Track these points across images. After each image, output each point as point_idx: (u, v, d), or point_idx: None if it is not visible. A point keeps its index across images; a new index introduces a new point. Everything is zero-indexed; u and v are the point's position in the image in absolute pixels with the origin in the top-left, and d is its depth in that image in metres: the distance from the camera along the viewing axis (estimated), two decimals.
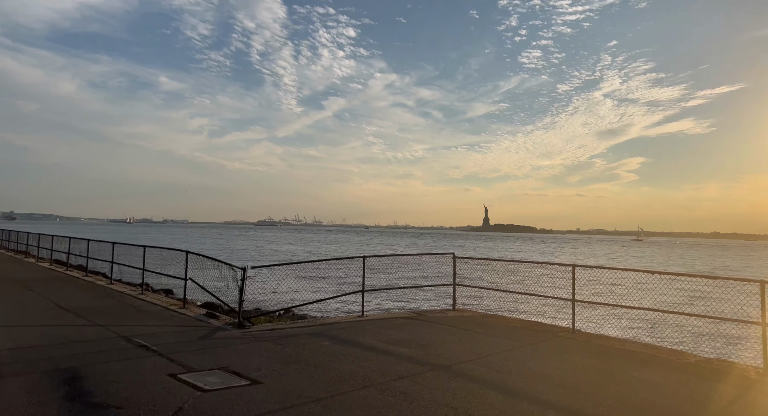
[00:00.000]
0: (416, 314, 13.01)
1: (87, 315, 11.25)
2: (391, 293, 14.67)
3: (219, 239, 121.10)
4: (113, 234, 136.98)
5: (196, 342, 8.93)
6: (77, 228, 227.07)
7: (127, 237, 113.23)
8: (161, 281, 20.59)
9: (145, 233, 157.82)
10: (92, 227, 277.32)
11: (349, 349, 8.81)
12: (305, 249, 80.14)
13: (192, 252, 13.28)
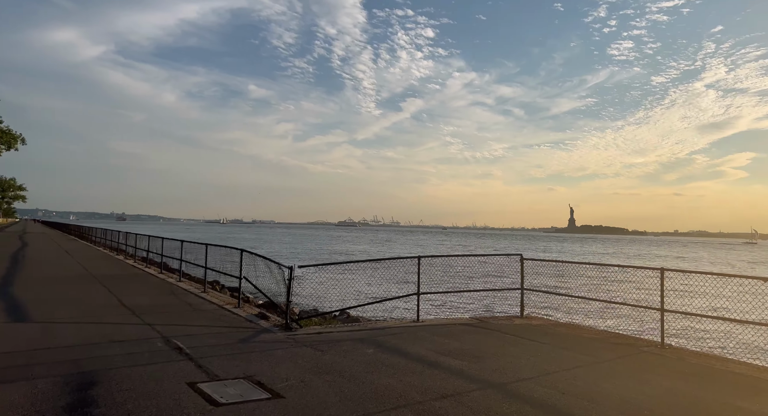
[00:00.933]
0: (478, 320, 11.86)
1: (141, 313, 11.22)
2: (453, 297, 13.62)
3: (299, 238, 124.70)
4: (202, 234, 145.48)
5: (234, 346, 8.44)
6: (173, 228, 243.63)
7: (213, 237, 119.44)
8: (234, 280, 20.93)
9: (230, 233, 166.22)
10: (189, 227, 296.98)
11: (393, 359, 7.92)
12: (379, 250, 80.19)
13: (247, 251, 13.00)
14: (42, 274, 18.41)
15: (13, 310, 10.99)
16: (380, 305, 13.81)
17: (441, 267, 12.71)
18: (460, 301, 14.40)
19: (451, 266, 13.01)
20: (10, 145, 58.85)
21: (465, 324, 11.35)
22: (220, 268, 15.07)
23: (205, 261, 15.81)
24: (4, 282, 15.79)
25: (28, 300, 12.29)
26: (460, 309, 13.23)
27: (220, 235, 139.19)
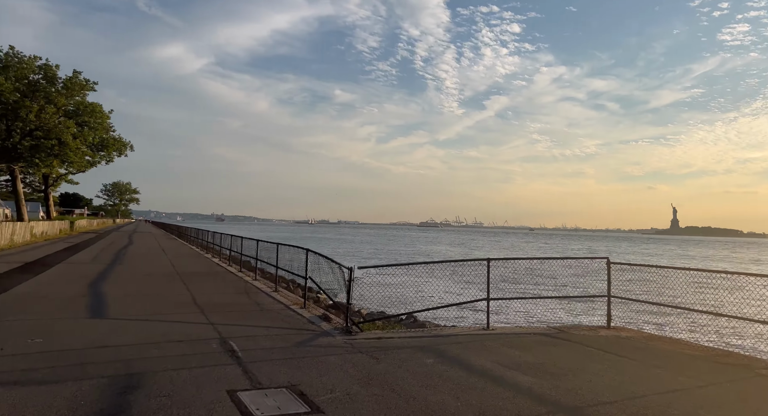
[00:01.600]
0: (556, 330, 10.73)
1: (210, 311, 11.30)
2: (530, 304, 12.51)
3: (381, 239, 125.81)
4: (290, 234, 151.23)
5: (288, 350, 8.10)
6: (264, 228, 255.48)
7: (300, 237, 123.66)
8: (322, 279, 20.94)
9: (316, 232, 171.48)
10: (280, 227, 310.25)
11: (453, 371, 7.18)
12: (459, 252, 78.64)
13: (311, 251, 12.77)
14: (134, 271, 19.49)
15: (96, 306, 11.47)
16: (449, 310, 13.03)
17: (515, 270, 11.70)
18: (536, 309, 13.25)
19: (528, 270, 11.96)
20: (121, 152, 64.36)
21: (541, 334, 10.29)
22: (288, 268, 15.01)
23: (276, 261, 15.86)
24: (101, 277, 16.79)
25: (113, 296, 12.85)
26: (537, 317, 12.12)
27: (306, 235, 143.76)
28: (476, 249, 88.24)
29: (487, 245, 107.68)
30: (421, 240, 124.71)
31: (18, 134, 51.65)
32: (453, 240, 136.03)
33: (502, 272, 11.18)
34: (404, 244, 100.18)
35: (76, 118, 57.42)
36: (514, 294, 11.83)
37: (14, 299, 11.67)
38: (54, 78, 56.87)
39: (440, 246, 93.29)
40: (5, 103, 51.20)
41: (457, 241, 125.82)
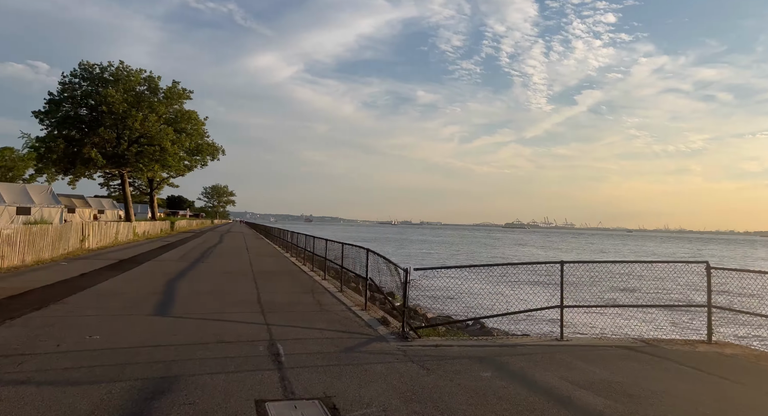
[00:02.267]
0: (644, 343, 9.42)
1: (270, 310, 11.20)
2: (612, 312, 11.19)
3: (464, 240, 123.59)
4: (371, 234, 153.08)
5: (334, 355, 7.66)
6: (348, 229, 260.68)
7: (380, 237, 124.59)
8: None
9: (396, 233, 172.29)
10: (363, 228, 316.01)
11: (513, 388, 6.35)
12: (549, 255, 75.12)
13: (372, 251, 12.32)
14: (214, 269, 20.19)
15: (164, 304, 11.77)
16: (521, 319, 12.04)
17: (596, 275, 10.47)
18: (620, 319, 11.82)
19: (611, 275, 10.66)
20: (214, 156, 68.39)
21: (624, 346, 9.06)
22: (352, 268, 14.68)
23: (341, 260, 15.61)
24: (180, 275, 17.50)
25: (184, 294, 13.21)
26: (620, 328, 10.77)
27: (386, 235, 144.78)
28: (566, 251, 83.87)
29: (578, 247, 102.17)
30: (506, 242, 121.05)
31: (126, 141, 56.37)
32: (541, 242, 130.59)
33: (581, 276, 10.04)
34: (487, 246, 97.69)
35: (174, 125, 61.70)
36: (595, 301, 10.60)
37: (95, 295, 12.29)
38: (156, 88, 61.52)
39: (526, 249, 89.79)
40: (115, 114, 56.12)
41: (546, 243, 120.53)
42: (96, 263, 20.14)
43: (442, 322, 11.00)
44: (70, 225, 24.56)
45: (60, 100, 57.55)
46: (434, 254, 66.41)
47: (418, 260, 55.14)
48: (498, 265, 9.86)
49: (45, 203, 45.61)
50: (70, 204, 74.54)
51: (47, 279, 14.65)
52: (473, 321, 12.10)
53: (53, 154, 56.55)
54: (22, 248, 18.16)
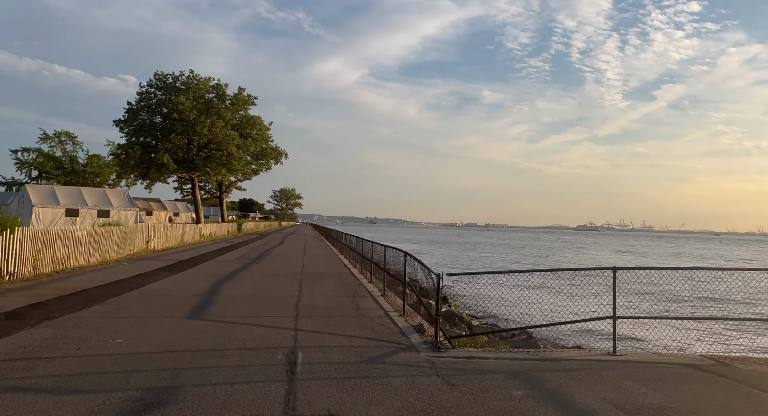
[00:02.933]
0: (713, 361, 8.25)
1: (304, 315, 10.94)
2: (677, 325, 9.97)
3: (530, 243, 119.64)
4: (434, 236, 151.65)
5: (355, 366, 7.19)
6: (412, 231, 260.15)
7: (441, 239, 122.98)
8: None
9: (459, 235, 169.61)
10: (426, 230, 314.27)
11: (544, 410, 5.61)
12: (626, 260, 71.15)
13: (409, 254, 11.78)
14: (265, 270, 20.38)
15: (201, 306, 11.78)
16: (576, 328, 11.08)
17: (659, 284, 9.36)
18: (686, 333, 10.52)
19: (678, 283, 9.50)
20: (277, 160, 70.29)
21: (687, 364, 7.96)
22: (393, 271, 14.19)
23: (384, 263, 15.15)
24: (230, 276, 17.72)
25: (225, 296, 13.25)
26: (686, 342, 9.56)
27: (447, 238, 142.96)
28: (645, 256, 79.07)
29: (661, 251, 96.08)
30: (577, 246, 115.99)
31: (195, 147, 59.02)
32: (617, 245, 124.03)
33: (642, 285, 9.01)
34: (556, 250, 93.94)
35: (240, 130, 63.91)
36: (657, 312, 9.49)
37: (139, 296, 12.55)
38: (223, 95, 64.01)
39: (600, 253, 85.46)
40: (186, 121, 58.92)
41: (622, 247, 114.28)
42: (155, 264, 20.89)
43: (483, 331, 10.26)
44: (135, 227, 25.75)
45: (137, 109, 61.20)
46: (497, 257, 64.58)
47: (480, 263, 53.75)
48: (539, 271, 9.03)
49: (122, 206, 48.50)
50: (147, 207, 79.12)
51: (103, 279, 15.24)
52: (520, 331, 11.25)
53: (131, 160, 60.20)
54: (88, 249, 19.11)
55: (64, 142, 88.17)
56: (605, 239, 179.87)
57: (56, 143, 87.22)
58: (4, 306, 10.22)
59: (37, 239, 15.21)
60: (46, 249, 15.87)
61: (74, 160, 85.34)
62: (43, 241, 15.58)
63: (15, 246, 14.03)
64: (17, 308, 10.09)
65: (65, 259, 17.19)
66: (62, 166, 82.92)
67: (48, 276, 15.42)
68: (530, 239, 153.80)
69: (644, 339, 10.21)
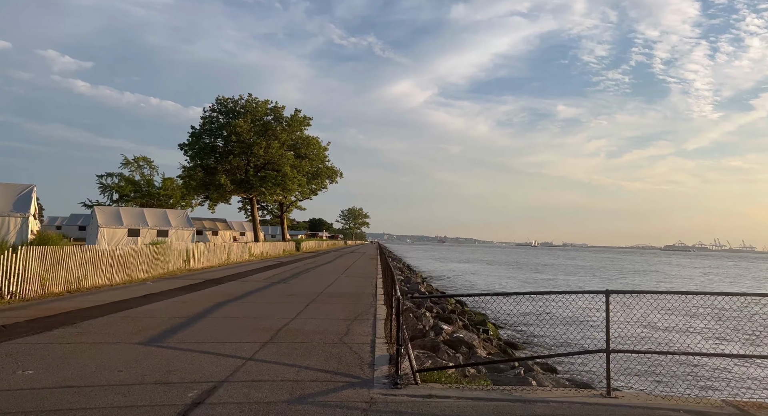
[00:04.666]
0: (736, 410, 6.33)
1: (278, 341, 9.94)
2: (690, 361, 7.97)
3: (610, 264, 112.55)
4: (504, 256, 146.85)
5: (273, 408, 6.04)
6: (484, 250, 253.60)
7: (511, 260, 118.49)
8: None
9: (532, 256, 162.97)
10: (498, 250, 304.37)
11: None
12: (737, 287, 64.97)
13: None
14: (283, 290, 19.69)
15: (174, 330, 10.94)
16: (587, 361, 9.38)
17: (671, 310, 7.52)
18: (699, 370, 8.44)
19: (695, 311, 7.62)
20: (333, 179, 70.83)
21: (703, 413, 6.13)
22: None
23: (395, 288, 13.88)
24: (239, 297, 17.04)
25: (212, 318, 12.54)
26: (701, 383, 7.57)
27: (517, 259, 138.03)
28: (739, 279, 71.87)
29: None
30: (665, 268, 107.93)
31: (252, 168, 60.58)
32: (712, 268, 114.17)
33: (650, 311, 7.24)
34: (638, 273, 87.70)
35: (296, 151, 65.05)
36: (664, 345, 7.63)
37: (116, 319, 11.90)
38: (281, 117, 65.56)
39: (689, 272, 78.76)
40: (244, 143, 60.75)
41: (716, 268, 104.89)
42: (178, 283, 20.80)
43: (466, 363, 8.75)
44: (169, 246, 26.06)
45: (200, 133, 63.94)
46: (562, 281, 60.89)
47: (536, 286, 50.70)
48: (528, 294, 7.47)
49: (180, 226, 50.28)
50: (213, 227, 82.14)
51: (104, 299, 15.05)
52: (505, 363, 9.57)
53: (194, 182, 62.79)
54: (110, 268, 19.28)
55: (142, 166, 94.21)
56: (697, 260, 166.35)
57: (135, 168, 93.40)
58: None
59: (45, 258, 15.34)
60: (58, 268, 16.00)
61: (150, 183, 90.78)
62: (53, 260, 15.72)
63: (17, 265, 14.15)
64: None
65: (81, 278, 17.33)
66: (140, 189, 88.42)
67: (56, 295, 15.49)
68: (611, 260, 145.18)
69: (649, 374, 8.27)
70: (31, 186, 32.10)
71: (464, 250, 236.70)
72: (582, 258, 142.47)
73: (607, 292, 6.82)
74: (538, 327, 20.88)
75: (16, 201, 30.64)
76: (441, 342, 12.38)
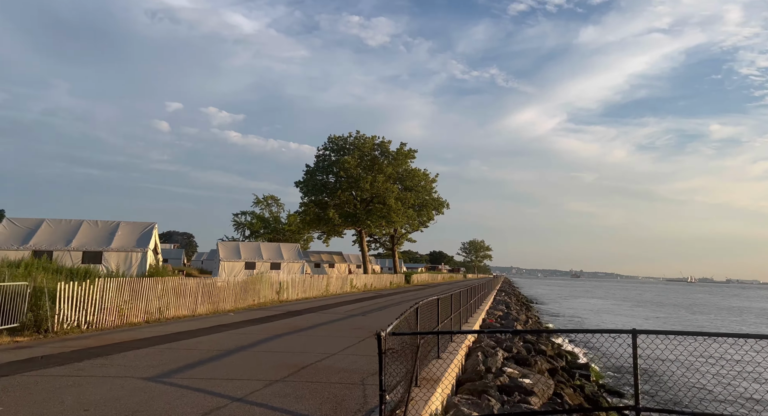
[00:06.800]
0: None
1: (295, 378, 9.09)
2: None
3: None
4: (653, 295, 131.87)
5: None
6: (623, 286, 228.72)
7: (659, 300, 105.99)
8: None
9: (684, 293, 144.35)
10: (643, 286, 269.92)
11: None
12: None
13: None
14: (353, 323, 18.91)
15: (199, 363, 10.71)
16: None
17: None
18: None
19: None
20: (439, 210, 69.76)
21: None
22: None
23: (417, 324, 12.40)
24: (301, 330, 16.52)
25: (251, 352, 12.06)
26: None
27: (662, 299, 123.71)
28: None
29: None
30: None
31: (359, 202, 61.86)
32: None
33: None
34: None
35: (402, 183, 65.33)
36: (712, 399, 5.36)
37: (158, 350, 11.90)
38: (387, 151, 66.67)
39: None
40: (352, 178, 62.49)
41: None
42: (257, 314, 21.03)
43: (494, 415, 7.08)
44: (260, 278, 26.77)
45: (314, 170, 67.16)
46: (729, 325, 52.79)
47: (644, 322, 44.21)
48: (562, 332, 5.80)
49: (291, 259, 52.38)
50: (330, 260, 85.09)
51: (170, 330, 15.41)
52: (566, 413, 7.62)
53: (308, 217, 65.70)
54: (194, 299, 20.05)
55: (271, 204, 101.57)
56: None
57: (265, 206, 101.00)
58: (3, 358, 10.37)
59: (123, 289, 16.24)
60: (137, 299, 16.87)
61: (277, 220, 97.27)
62: (131, 291, 16.60)
63: (95, 296, 15.06)
64: (10, 361, 10.02)
65: (163, 309, 18.13)
66: (269, 225, 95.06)
67: (133, 325, 16.25)
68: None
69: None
70: (153, 224, 35.49)
71: (602, 286, 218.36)
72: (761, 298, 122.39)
73: (635, 332, 4.96)
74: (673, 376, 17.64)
75: (140, 237, 34.00)
76: (493, 387, 10.63)
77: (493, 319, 27.32)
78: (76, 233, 33.67)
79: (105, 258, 32.46)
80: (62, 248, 32.06)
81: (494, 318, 27.83)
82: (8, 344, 12.32)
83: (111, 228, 34.71)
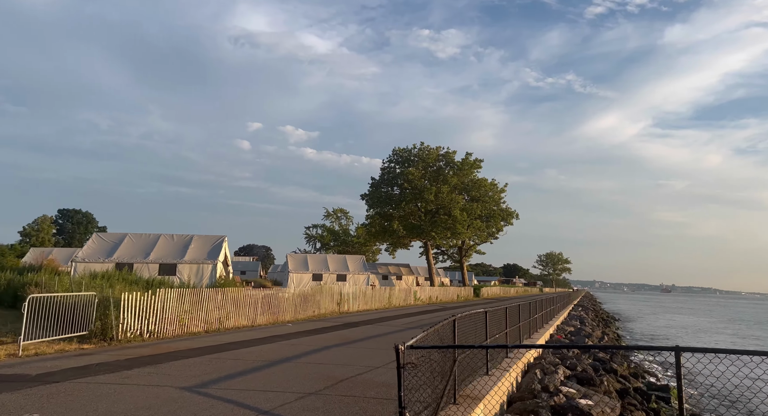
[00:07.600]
0: None
1: (331, 391, 8.86)
2: None
3: None
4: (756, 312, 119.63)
5: None
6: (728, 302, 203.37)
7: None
8: None
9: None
10: (746, 302, 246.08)
11: None
12: None
13: None
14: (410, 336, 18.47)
15: (240, 374, 10.75)
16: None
17: None
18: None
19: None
20: (507, 221, 67.72)
21: None
22: None
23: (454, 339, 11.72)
24: (351, 342, 16.40)
25: (295, 363, 12.00)
26: None
27: None
28: None
29: None
30: None
31: (423, 213, 61.37)
32: None
33: None
34: None
35: (468, 194, 64.16)
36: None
37: (206, 360, 12.14)
38: (452, 162, 65.88)
39: None
40: (416, 189, 62.23)
41: None
42: (315, 325, 21.13)
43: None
44: (320, 289, 26.97)
45: (379, 183, 67.61)
46: None
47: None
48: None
49: (357, 270, 52.72)
50: (398, 272, 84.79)
51: (225, 340, 15.72)
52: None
53: (373, 228, 66.04)
54: (253, 310, 20.47)
55: (340, 217, 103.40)
56: None
57: (335, 219, 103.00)
58: (58, 366, 10.81)
59: (183, 299, 16.82)
60: (197, 309, 17.42)
61: (347, 232, 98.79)
62: (191, 302, 17.17)
63: (156, 306, 15.69)
64: (68, 368, 10.58)
65: (223, 319, 18.62)
66: (338, 238, 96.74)
67: (193, 335, 16.77)
68: None
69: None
70: (223, 237, 36.97)
71: (698, 302, 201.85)
72: None
73: (678, 349, 4.26)
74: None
75: (211, 250, 35.49)
76: (545, 407, 9.85)
77: (562, 335, 25.83)
78: (154, 246, 35.73)
79: (179, 270, 34.14)
80: (141, 260, 34.10)
81: (563, 334, 26.32)
82: (74, 351, 13.04)
83: (185, 241, 36.54)
